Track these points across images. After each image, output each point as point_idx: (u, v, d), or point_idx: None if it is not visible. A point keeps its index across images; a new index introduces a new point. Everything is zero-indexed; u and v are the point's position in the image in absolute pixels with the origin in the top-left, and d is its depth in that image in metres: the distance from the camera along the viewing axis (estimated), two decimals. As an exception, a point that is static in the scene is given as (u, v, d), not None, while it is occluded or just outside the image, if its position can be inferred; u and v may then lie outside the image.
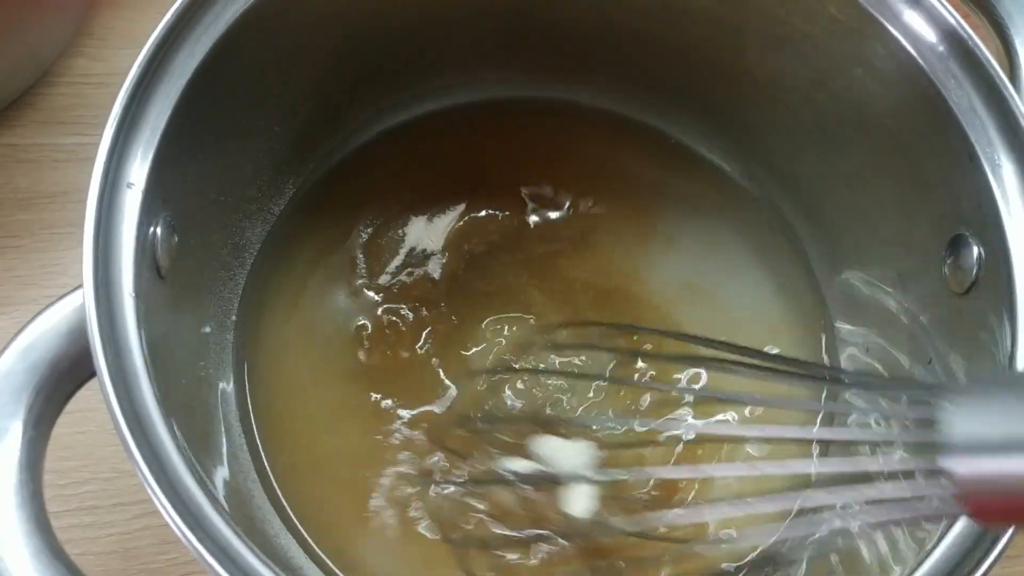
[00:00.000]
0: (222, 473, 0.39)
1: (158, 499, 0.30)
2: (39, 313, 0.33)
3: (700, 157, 0.50)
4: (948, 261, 0.38)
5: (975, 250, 0.37)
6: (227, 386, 0.43)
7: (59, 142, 0.52)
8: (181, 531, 0.30)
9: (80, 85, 0.53)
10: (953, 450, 0.25)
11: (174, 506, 0.30)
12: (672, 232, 0.49)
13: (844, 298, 0.47)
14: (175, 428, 0.32)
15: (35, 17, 0.48)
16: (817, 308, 0.48)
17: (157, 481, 0.30)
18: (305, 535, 0.42)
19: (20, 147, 0.52)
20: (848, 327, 0.47)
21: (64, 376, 0.32)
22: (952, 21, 0.35)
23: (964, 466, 0.25)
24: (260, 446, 0.43)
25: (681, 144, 0.50)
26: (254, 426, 0.43)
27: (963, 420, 0.25)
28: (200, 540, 0.30)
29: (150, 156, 0.34)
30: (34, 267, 0.50)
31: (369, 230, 0.48)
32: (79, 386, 0.33)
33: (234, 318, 0.44)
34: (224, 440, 0.41)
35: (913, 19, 0.36)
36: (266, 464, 0.43)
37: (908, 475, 0.28)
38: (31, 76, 0.52)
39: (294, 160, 0.46)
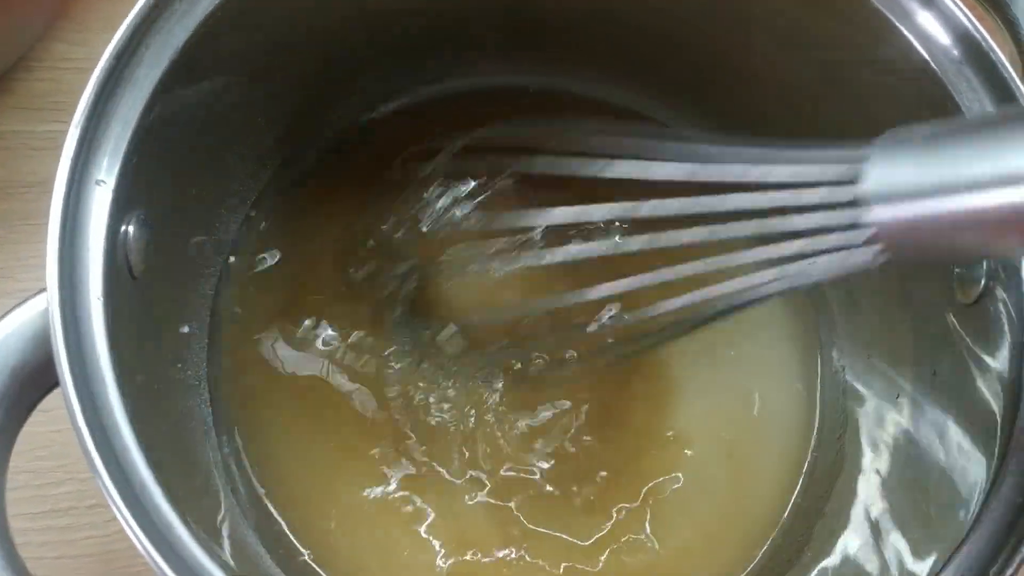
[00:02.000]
0: (198, 482, 0.38)
1: (125, 520, 0.29)
2: (0, 318, 0.31)
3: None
4: (956, 271, 0.37)
5: (984, 260, 0.35)
6: (207, 386, 0.42)
7: (37, 129, 0.50)
8: (146, 550, 0.29)
9: (59, 70, 0.51)
10: (874, 200, 0.28)
11: (142, 527, 0.29)
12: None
13: (846, 308, 0.46)
14: (145, 438, 0.30)
15: (12, 1, 0.46)
16: (818, 316, 0.47)
17: (124, 500, 0.29)
18: (291, 538, 0.41)
19: (-4, 134, 0.50)
20: (850, 338, 0.46)
21: (28, 385, 0.31)
22: (967, 23, 0.34)
23: (885, 213, 0.28)
24: (241, 447, 0.42)
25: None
26: (235, 426, 0.42)
27: (881, 172, 0.28)
28: (166, 559, 0.28)
29: (121, 151, 0.32)
30: (9, 259, 0.48)
31: (357, 221, 0.46)
32: (44, 395, 0.31)
33: (216, 316, 0.43)
34: (205, 444, 0.40)
35: (927, 20, 0.35)
36: (248, 468, 0.42)
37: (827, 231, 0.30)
38: (8, 61, 0.50)
39: (279, 152, 0.45)
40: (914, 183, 0.28)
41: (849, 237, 0.29)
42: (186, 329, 0.41)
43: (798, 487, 0.45)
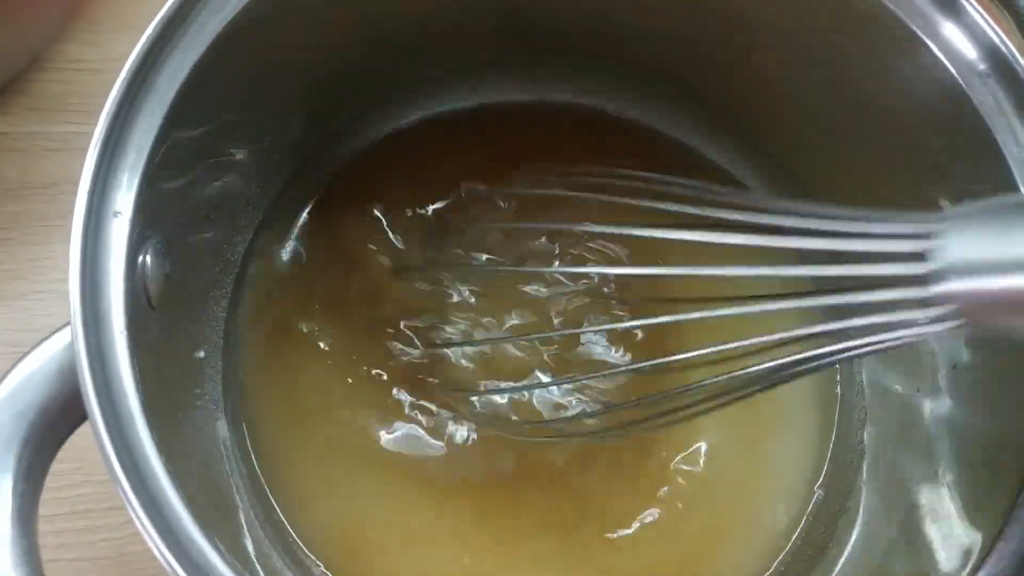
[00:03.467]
0: (225, 511, 0.38)
1: (158, 548, 0.29)
2: (24, 355, 0.31)
3: (704, 157, 0.49)
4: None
5: None
6: (224, 412, 0.42)
7: (50, 131, 0.50)
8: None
9: (72, 72, 0.51)
10: (952, 275, 0.27)
11: (177, 558, 0.29)
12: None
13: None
14: (172, 467, 0.30)
15: (26, 1, 0.46)
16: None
17: (155, 526, 0.29)
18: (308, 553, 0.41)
19: (10, 135, 0.50)
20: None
21: (55, 422, 0.31)
22: (994, 37, 0.33)
23: (963, 286, 0.27)
24: (259, 473, 0.42)
25: (684, 144, 0.49)
26: (252, 454, 0.42)
27: (958, 246, 0.27)
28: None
29: (136, 180, 0.32)
30: (23, 261, 0.48)
31: (364, 240, 0.46)
32: (71, 431, 0.32)
33: (230, 339, 0.43)
34: (227, 469, 0.40)
35: (952, 33, 0.34)
36: (268, 494, 0.42)
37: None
38: (21, 62, 0.50)
39: (286, 172, 0.45)
40: (995, 258, 0.27)
41: (921, 312, 0.28)
42: (201, 354, 0.40)
43: (820, 482, 0.45)
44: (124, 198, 0.32)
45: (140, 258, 0.32)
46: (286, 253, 0.46)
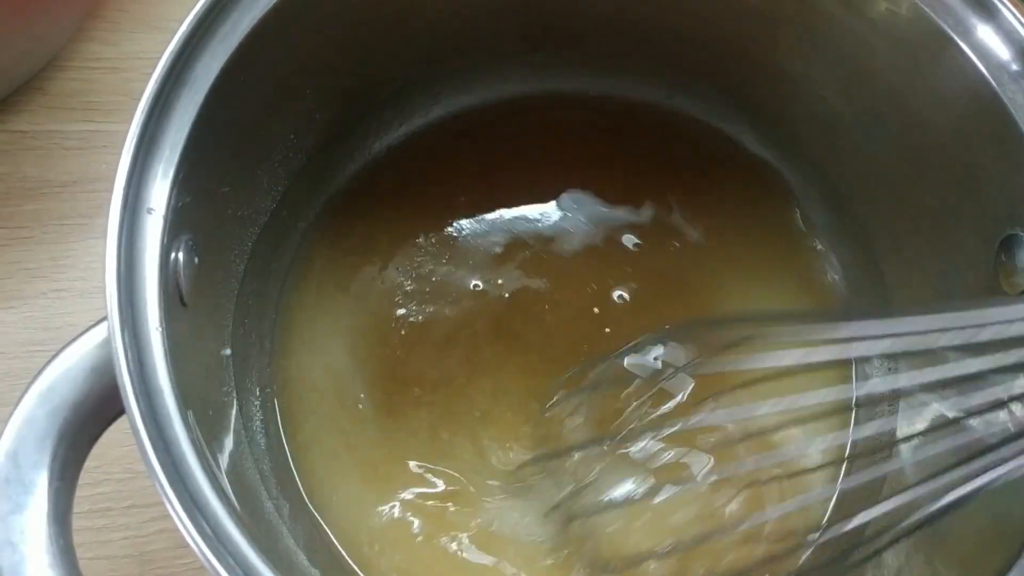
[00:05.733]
0: (256, 506, 0.38)
1: (202, 552, 0.29)
2: (58, 353, 0.31)
3: (736, 148, 0.49)
4: (1000, 262, 0.36)
5: None
6: (252, 410, 0.42)
7: (69, 129, 0.50)
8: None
9: (91, 70, 0.51)
10: None
11: (215, 553, 0.29)
12: (704, 225, 0.48)
13: (879, 296, 0.46)
14: (207, 466, 0.30)
15: (46, 1, 0.46)
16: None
17: (199, 532, 0.29)
18: (345, 555, 0.41)
19: (29, 134, 0.50)
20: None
21: (89, 418, 0.31)
22: (1029, 40, 0.33)
23: None
24: (294, 470, 0.43)
25: (721, 133, 0.49)
26: (286, 448, 0.43)
27: None
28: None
29: (170, 177, 0.32)
30: (43, 259, 0.48)
31: (393, 239, 0.46)
32: (105, 427, 0.31)
33: (254, 336, 0.43)
34: (253, 466, 0.40)
35: (986, 34, 0.34)
36: (301, 489, 0.42)
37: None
38: (40, 60, 0.50)
39: (312, 169, 0.44)
40: None
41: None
42: (227, 351, 0.40)
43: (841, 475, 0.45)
44: (158, 195, 0.32)
45: (172, 255, 0.32)
46: (314, 253, 0.46)
